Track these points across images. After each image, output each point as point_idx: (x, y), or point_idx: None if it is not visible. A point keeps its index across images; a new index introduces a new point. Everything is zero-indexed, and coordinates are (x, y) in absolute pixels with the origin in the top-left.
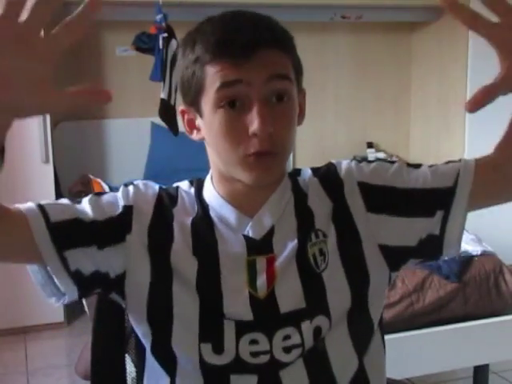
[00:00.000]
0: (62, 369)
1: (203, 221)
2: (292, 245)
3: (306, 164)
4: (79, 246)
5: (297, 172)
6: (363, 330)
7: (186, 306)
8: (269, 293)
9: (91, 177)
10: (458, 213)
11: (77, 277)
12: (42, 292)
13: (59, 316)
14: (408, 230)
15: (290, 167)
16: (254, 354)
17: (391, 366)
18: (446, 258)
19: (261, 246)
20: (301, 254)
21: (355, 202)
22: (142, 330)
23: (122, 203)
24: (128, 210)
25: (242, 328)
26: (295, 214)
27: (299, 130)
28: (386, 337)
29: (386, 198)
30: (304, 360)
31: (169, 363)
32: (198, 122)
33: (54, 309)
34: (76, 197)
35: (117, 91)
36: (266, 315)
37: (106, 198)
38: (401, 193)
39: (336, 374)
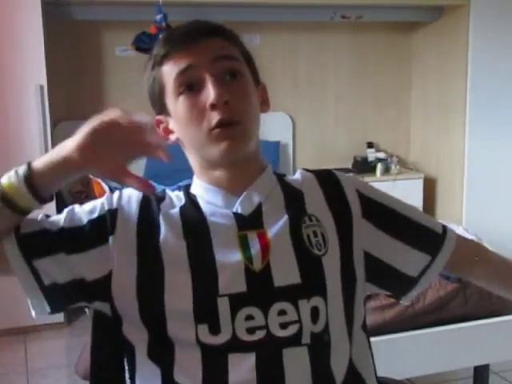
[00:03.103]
0: (62, 369)
1: (191, 206)
2: (283, 221)
3: (305, 164)
4: (47, 254)
5: (283, 174)
6: (351, 299)
7: (178, 289)
8: (264, 266)
9: (91, 177)
10: (440, 261)
11: (52, 290)
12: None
13: (59, 316)
14: (394, 252)
15: (290, 168)
16: (250, 330)
17: (391, 366)
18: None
19: (250, 222)
20: (295, 233)
21: (354, 203)
22: (136, 335)
23: (105, 208)
24: (112, 213)
25: (236, 302)
26: (283, 193)
27: (300, 129)
28: (386, 337)
29: (386, 217)
30: (308, 348)
31: (166, 359)
32: (170, 124)
33: None
34: (76, 197)
35: (117, 91)
36: (260, 288)
37: (86, 206)
38: (402, 218)
39: (334, 368)
